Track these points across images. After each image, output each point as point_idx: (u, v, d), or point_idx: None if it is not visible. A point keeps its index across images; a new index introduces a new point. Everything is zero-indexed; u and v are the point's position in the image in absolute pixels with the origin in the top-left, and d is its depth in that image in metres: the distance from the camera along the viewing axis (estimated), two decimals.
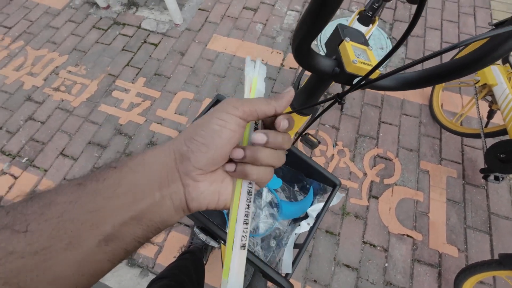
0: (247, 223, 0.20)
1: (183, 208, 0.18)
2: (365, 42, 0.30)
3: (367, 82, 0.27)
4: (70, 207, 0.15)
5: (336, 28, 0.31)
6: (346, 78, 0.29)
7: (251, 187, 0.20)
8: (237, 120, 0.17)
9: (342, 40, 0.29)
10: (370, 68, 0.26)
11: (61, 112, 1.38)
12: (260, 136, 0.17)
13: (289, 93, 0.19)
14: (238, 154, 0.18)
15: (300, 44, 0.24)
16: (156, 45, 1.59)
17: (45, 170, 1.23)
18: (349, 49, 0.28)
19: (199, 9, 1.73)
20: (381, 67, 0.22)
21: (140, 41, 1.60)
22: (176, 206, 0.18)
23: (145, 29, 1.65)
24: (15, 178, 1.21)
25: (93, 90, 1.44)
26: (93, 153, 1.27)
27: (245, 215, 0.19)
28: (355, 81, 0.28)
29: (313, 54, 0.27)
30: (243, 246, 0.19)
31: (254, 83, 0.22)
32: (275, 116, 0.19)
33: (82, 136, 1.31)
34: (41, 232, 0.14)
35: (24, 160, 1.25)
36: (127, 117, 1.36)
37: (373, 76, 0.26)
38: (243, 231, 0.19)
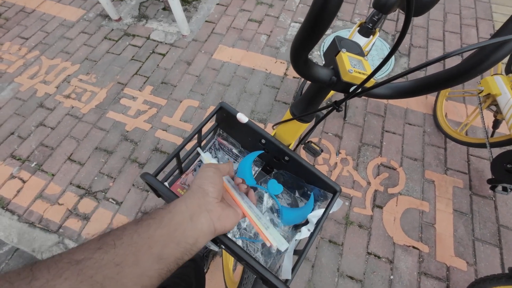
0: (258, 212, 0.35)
1: (211, 231, 0.27)
2: (361, 53, 0.31)
3: (362, 90, 0.28)
4: (134, 235, 0.22)
5: (334, 40, 0.32)
6: (342, 86, 0.30)
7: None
8: (217, 170, 0.31)
9: (339, 51, 0.31)
10: (365, 77, 0.27)
11: (70, 118, 1.42)
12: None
13: (229, 162, 0.35)
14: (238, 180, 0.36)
15: (298, 55, 0.25)
16: (164, 55, 1.65)
17: (53, 175, 1.26)
18: (345, 59, 0.29)
19: (206, 21, 1.80)
20: (380, 76, 0.23)
21: (149, 51, 1.67)
22: (206, 228, 0.27)
23: (154, 40, 1.72)
24: (24, 182, 1.25)
25: (102, 97, 1.49)
26: (99, 158, 1.30)
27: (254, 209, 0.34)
28: (351, 89, 0.29)
29: (311, 64, 0.28)
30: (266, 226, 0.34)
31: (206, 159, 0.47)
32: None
33: (90, 142, 1.35)
34: (119, 249, 0.21)
35: (33, 165, 1.29)
36: (133, 124, 1.40)
37: (368, 84, 0.27)
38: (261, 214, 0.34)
